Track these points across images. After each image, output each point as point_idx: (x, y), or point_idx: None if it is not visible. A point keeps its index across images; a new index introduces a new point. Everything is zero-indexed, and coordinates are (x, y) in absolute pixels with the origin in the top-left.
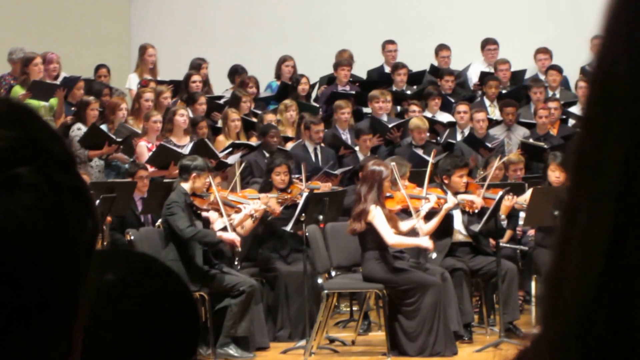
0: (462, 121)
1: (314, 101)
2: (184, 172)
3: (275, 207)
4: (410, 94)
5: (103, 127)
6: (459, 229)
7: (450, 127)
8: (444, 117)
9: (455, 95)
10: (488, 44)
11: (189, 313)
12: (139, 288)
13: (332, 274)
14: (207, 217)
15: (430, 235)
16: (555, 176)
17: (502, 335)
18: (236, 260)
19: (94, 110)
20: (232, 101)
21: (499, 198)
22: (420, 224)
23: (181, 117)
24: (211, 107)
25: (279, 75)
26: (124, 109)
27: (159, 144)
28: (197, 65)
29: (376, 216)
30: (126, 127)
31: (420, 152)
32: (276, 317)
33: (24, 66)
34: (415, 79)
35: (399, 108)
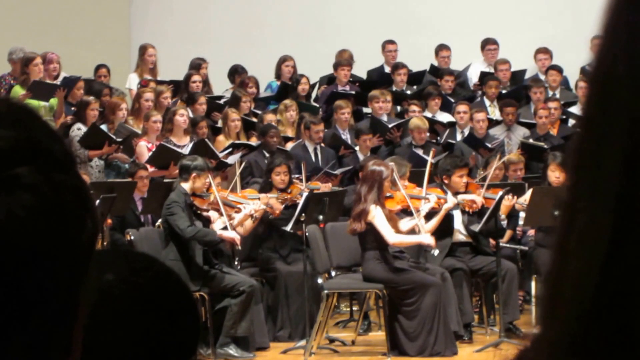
0: (462, 121)
1: (314, 101)
2: (184, 172)
3: (278, 207)
4: (410, 94)
5: (103, 127)
6: (459, 229)
7: (450, 127)
8: (444, 117)
9: (455, 95)
10: (488, 44)
11: (189, 313)
12: (139, 288)
13: (332, 274)
14: (209, 216)
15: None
16: (555, 176)
17: (502, 335)
18: (236, 260)
19: (94, 110)
20: (232, 101)
21: (499, 198)
22: (421, 222)
23: (181, 117)
24: (211, 107)
25: (279, 75)
26: (124, 109)
27: (159, 144)
28: (197, 65)
29: (376, 216)
30: (125, 127)
31: (420, 152)
32: (276, 317)
33: (24, 66)
34: (415, 79)
35: (399, 108)
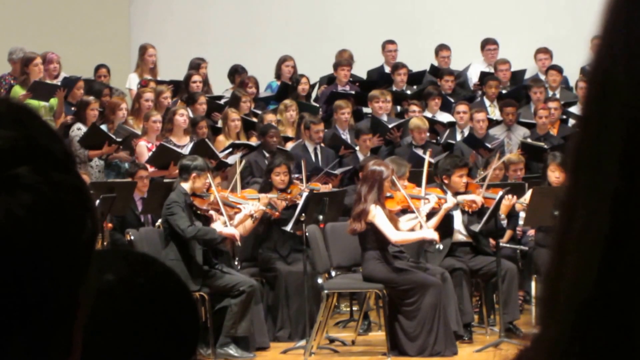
0: (462, 121)
1: (314, 101)
2: (184, 172)
3: (281, 205)
4: (410, 94)
5: (103, 127)
6: (459, 229)
7: (450, 127)
8: (444, 117)
9: (455, 95)
10: (488, 44)
11: (189, 313)
12: (139, 288)
13: (332, 274)
14: (211, 215)
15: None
16: (555, 176)
17: (502, 335)
18: (236, 260)
19: (94, 110)
20: (232, 101)
21: (499, 198)
22: (422, 220)
23: (181, 117)
24: (211, 107)
25: (279, 75)
26: (124, 109)
27: (159, 144)
28: (197, 65)
29: (377, 215)
30: (125, 128)
31: (420, 152)
32: (276, 317)
33: (24, 66)
34: (415, 79)
35: (399, 108)
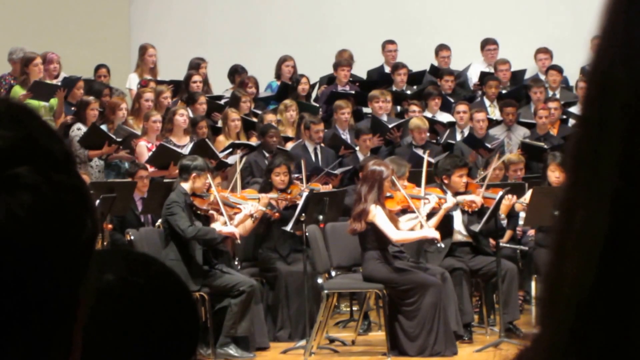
0: (462, 121)
1: (314, 101)
2: (184, 172)
3: (281, 205)
4: (410, 94)
5: (103, 127)
6: (459, 229)
7: (450, 127)
8: (444, 117)
9: (455, 95)
10: (488, 44)
11: (188, 313)
12: (138, 288)
13: (332, 274)
14: (212, 214)
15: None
16: (555, 176)
17: (502, 335)
18: (236, 260)
19: (94, 110)
20: (232, 101)
21: (499, 198)
22: (423, 219)
23: (181, 117)
24: (211, 107)
25: (279, 75)
26: (124, 109)
27: (159, 144)
28: (196, 64)
29: (377, 215)
30: (124, 128)
31: (420, 152)
32: (276, 317)
33: (24, 66)
34: (415, 79)
35: (399, 108)
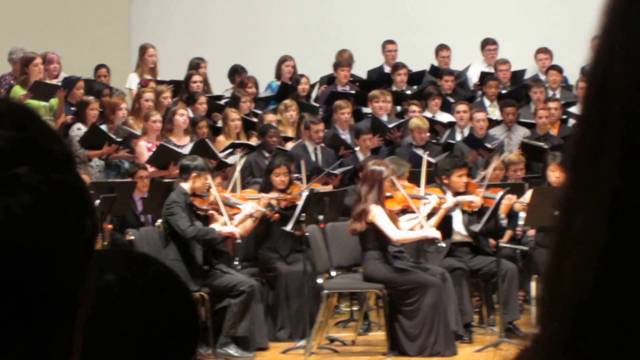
0: (462, 121)
1: (314, 101)
2: (184, 172)
3: (282, 204)
4: (410, 94)
5: (103, 127)
6: (459, 229)
7: (450, 127)
8: (444, 117)
9: (455, 95)
10: (488, 44)
11: (188, 313)
12: (138, 288)
13: (332, 274)
14: (212, 214)
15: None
16: (555, 176)
17: (502, 335)
18: (236, 260)
19: (94, 110)
20: (232, 101)
21: (499, 198)
22: (423, 219)
23: (181, 117)
24: (211, 107)
25: (279, 75)
26: (124, 109)
27: (159, 144)
28: (196, 64)
29: (377, 215)
30: (124, 129)
31: (420, 152)
32: (276, 317)
33: (24, 66)
34: (415, 79)
35: (399, 108)
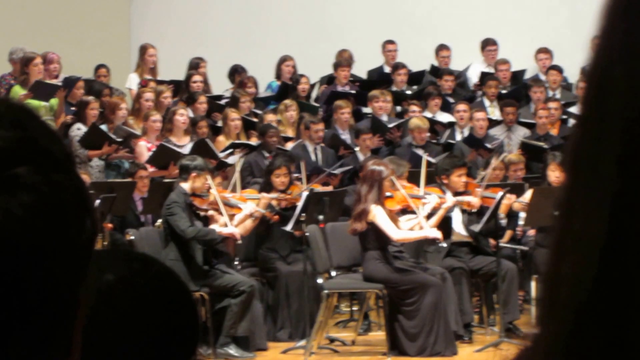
0: (462, 121)
1: (314, 101)
2: (184, 172)
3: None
4: (410, 94)
5: (103, 127)
6: (458, 229)
7: (450, 127)
8: (444, 117)
9: (455, 95)
10: (488, 44)
11: (188, 313)
12: (138, 288)
13: (332, 274)
14: (212, 215)
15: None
16: (555, 176)
17: (502, 335)
18: (236, 260)
19: (94, 110)
20: (232, 101)
21: (499, 198)
22: (423, 219)
23: (181, 117)
24: (211, 107)
25: (279, 75)
26: (124, 109)
27: (159, 144)
28: (196, 64)
29: (377, 215)
30: (124, 129)
31: (420, 152)
32: (276, 317)
33: (24, 66)
34: (415, 79)
35: (399, 108)
